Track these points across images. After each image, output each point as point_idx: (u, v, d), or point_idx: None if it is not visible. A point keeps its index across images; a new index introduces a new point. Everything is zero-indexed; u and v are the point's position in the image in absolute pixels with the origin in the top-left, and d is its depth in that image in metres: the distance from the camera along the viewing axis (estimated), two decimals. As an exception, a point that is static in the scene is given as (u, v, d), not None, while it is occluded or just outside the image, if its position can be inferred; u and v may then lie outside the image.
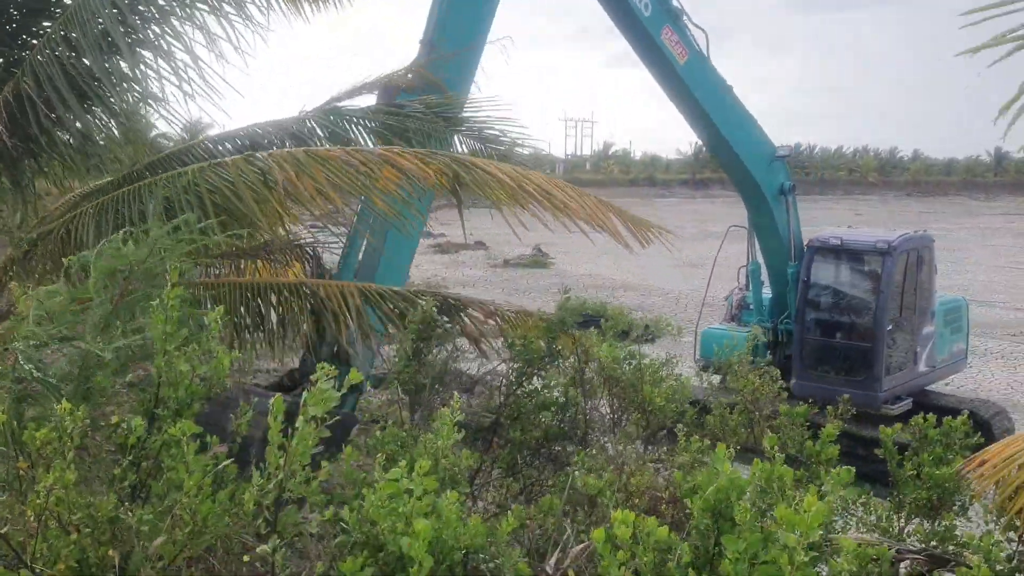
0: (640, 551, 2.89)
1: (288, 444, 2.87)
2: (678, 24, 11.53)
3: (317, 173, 5.33)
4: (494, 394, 5.38)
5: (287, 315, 6.64)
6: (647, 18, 11.15)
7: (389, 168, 5.57)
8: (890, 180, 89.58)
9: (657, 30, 11.26)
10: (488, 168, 5.90)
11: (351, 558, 2.97)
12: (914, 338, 12.93)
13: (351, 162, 5.55)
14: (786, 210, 13.12)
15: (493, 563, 3.24)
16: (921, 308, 13.04)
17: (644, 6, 11.10)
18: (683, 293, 26.61)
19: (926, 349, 13.09)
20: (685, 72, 11.63)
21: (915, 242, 13.03)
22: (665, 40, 11.35)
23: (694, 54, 11.70)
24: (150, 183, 5.80)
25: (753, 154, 12.79)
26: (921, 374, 13.15)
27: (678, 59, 11.49)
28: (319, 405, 2.86)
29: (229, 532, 3.09)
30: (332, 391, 2.89)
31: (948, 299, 14.37)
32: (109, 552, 2.98)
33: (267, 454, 2.90)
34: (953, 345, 14.10)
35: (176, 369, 3.36)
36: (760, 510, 3.05)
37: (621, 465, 4.01)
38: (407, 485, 3.08)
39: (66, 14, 6.06)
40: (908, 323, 12.85)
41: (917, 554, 3.65)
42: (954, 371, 14.55)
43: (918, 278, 12.95)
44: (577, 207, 6.00)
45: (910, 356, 12.89)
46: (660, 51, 11.39)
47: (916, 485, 4.13)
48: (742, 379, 5.16)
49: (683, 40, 11.56)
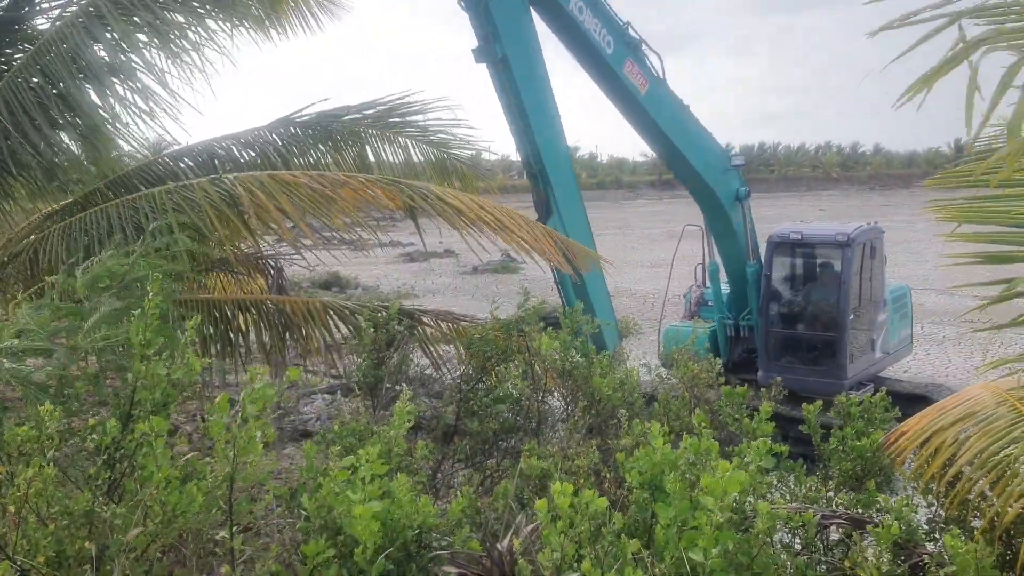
0: (578, 520, 3.16)
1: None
2: (638, 55, 11.90)
3: (281, 198, 5.59)
4: (452, 392, 5.65)
5: (253, 330, 6.87)
6: (610, 55, 11.56)
7: (347, 190, 5.85)
8: (852, 175, 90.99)
9: (620, 65, 11.67)
10: (446, 198, 6.22)
11: (313, 542, 3.22)
12: (870, 326, 13.37)
13: (314, 187, 5.82)
14: (742, 214, 13.59)
15: (445, 540, 3.50)
16: (875, 297, 13.49)
17: (607, 44, 11.53)
18: (649, 293, 27.02)
19: (880, 336, 13.55)
20: (647, 101, 12.02)
21: (869, 234, 13.48)
22: (627, 74, 11.75)
23: (654, 82, 12.09)
24: (116, 204, 6.00)
25: (708, 165, 13.27)
26: (877, 360, 13.63)
27: (640, 90, 11.90)
28: (256, 404, 3.12)
29: (199, 521, 3.33)
30: (269, 389, 3.15)
31: (895, 286, 14.84)
32: (86, 544, 3.20)
33: (215, 450, 3.17)
34: (901, 331, 14.59)
35: (154, 372, 3.60)
36: (690, 481, 3.34)
37: (566, 449, 4.29)
38: (362, 473, 3.35)
39: (40, 43, 6.27)
40: (865, 312, 13.27)
41: (839, 518, 3.96)
42: (903, 356, 15.07)
43: (872, 268, 13.39)
44: (528, 236, 6.38)
45: (868, 343, 13.34)
46: (624, 86, 11.76)
47: (840, 457, 4.45)
48: (683, 368, 5.47)
49: (643, 71, 11.95)
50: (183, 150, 7.62)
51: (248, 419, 3.12)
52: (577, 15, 11.22)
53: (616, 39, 11.63)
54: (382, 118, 7.73)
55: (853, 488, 4.45)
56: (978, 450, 3.62)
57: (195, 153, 7.44)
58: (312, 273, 24.72)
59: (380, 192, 5.91)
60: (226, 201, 5.71)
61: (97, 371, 3.98)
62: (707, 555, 2.91)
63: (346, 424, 4.27)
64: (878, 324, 13.52)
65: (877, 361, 13.65)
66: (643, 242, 39.48)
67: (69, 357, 3.85)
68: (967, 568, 3.12)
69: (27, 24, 6.98)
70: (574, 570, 3.07)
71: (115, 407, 3.61)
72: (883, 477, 4.46)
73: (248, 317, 6.64)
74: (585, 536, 3.16)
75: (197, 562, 3.48)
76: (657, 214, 60.77)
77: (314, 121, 7.66)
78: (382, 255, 35.74)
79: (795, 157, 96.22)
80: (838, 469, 4.45)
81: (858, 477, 4.46)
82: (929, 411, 4.23)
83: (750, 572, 3.10)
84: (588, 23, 11.33)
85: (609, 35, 11.57)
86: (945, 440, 3.85)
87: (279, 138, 7.51)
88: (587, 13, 11.33)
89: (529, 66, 10.64)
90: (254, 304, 6.72)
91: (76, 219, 6.18)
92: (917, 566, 3.57)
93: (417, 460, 3.96)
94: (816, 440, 4.61)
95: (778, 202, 68.53)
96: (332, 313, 6.75)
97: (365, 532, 3.05)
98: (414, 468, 4.02)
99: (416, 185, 6.48)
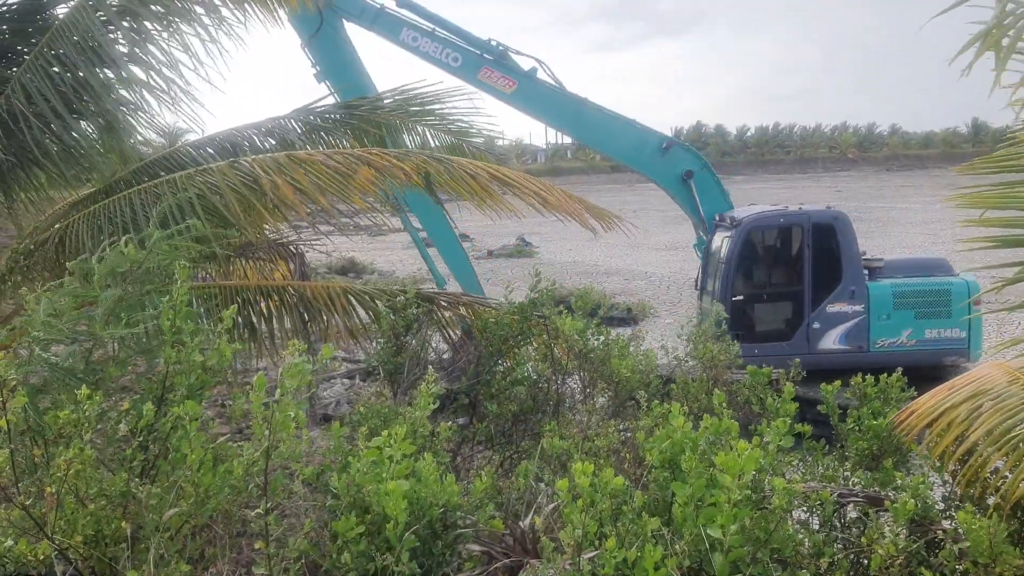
0: (598, 499, 3.24)
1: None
2: (501, 63, 13.67)
3: (299, 176, 5.66)
4: (470, 373, 5.74)
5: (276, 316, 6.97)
6: (458, 68, 13.52)
7: (366, 168, 5.91)
8: (869, 156, 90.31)
9: (472, 74, 13.45)
10: (462, 165, 6.27)
11: (344, 518, 3.31)
12: (801, 312, 12.82)
13: (329, 164, 5.88)
14: (690, 193, 13.78)
15: (468, 519, 3.59)
16: (819, 285, 12.82)
17: (452, 60, 13.57)
18: (665, 276, 27.03)
19: (839, 328, 12.81)
20: (513, 98, 13.68)
21: (798, 218, 13.05)
22: (484, 79, 13.50)
23: (523, 81, 13.69)
24: (140, 190, 6.10)
25: (624, 151, 14.36)
26: (827, 351, 12.72)
27: (504, 90, 13.59)
28: (295, 379, 3.20)
29: (229, 502, 3.44)
30: (305, 365, 3.23)
31: (912, 283, 13.07)
32: (122, 524, 3.31)
33: (253, 427, 3.26)
34: (924, 330, 12.84)
35: (189, 359, 3.70)
36: (708, 461, 3.41)
37: (586, 429, 4.37)
38: (389, 452, 3.44)
39: (53, 30, 6.35)
40: (794, 297, 12.90)
41: (856, 497, 4.02)
42: (930, 358, 12.59)
43: (805, 254, 12.79)
44: (549, 196, 6.41)
45: (796, 330, 12.85)
46: (483, 88, 13.25)
47: (857, 437, 4.51)
48: (701, 348, 5.53)
49: (507, 73, 13.66)
50: (204, 139, 7.71)
51: (286, 394, 3.20)
52: (411, 43, 13.48)
53: (464, 54, 13.57)
54: (401, 107, 7.80)
55: (869, 467, 4.51)
56: (990, 427, 3.66)
57: (216, 142, 7.52)
58: (329, 259, 24.89)
59: (394, 161, 5.96)
60: (247, 184, 5.79)
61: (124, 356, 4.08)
62: (725, 532, 2.98)
63: (370, 407, 4.36)
64: (825, 314, 12.79)
65: (829, 352, 12.69)
66: (659, 225, 39.40)
67: (94, 343, 3.95)
68: (980, 543, 3.18)
69: (48, 13, 7.07)
70: (595, 547, 3.16)
71: (148, 391, 3.71)
72: (899, 456, 4.52)
73: (271, 303, 6.74)
74: (606, 515, 3.24)
75: (229, 542, 3.59)
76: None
77: (333, 110, 7.74)
78: (398, 240, 35.80)
79: (811, 138, 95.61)
80: (855, 448, 4.50)
81: (874, 456, 4.52)
82: (940, 389, 4.27)
83: (768, 548, 3.17)
84: (425, 47, 13.50)
85: (454, 52, 13.57)
86: (956, 417, 3.90)
87: (299, 126, 7.58)
88: (422, 40, 13.50)
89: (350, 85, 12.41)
90: (276, 290, 6.82)
91: (100, 206, 6.28)
92: (933, 542, 3.64)
93: (440, 441, 4.05)
94: (834, 420, 4.67)
95: (796, 184, 68.20)
96: (352, 298, 6.84)
97: (396, 508, 3.13)
98: (438, 449, 4.11)
99: (430, 154, 6.57)
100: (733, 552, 3.03)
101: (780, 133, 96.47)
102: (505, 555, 3.58)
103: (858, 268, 12.84)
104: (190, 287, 3.90)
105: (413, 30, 13.49)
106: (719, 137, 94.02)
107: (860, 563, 3.70)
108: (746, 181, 66.58)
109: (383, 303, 6.47)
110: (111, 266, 4.11)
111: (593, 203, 6.57)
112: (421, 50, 13.51)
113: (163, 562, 3.23)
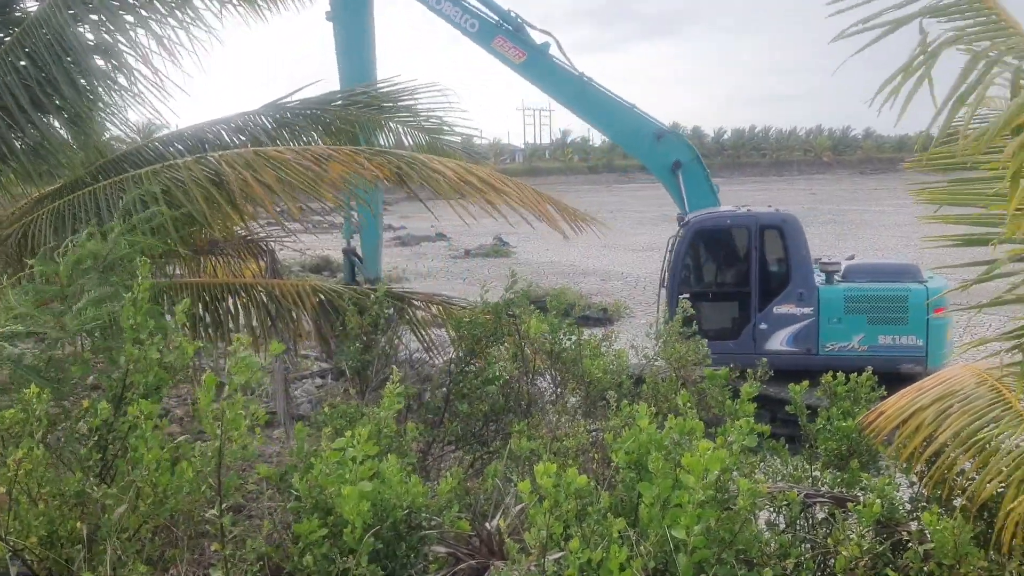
0: (563, 499, 3.20)
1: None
2: (515, 35, 14.02)
3: (267, 173, 5.58)
4: (442, 373, 5.68)
5: (244, 314, 6.88)
6: (474, 33, 13.99)
7: (336, 165, 5.84)
8: (844, 159, 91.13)
9: (487, 42, 13.93)
10: (432, 164, 6.21)
11: (305, 520, 3.26)
12: (748, 312, 12.86)
13: (299, 161, 5.81)
14: (678, 184, 13.93)
15: (434, 520, 3.55)
16: (766, 287, 12.86)
17: (470, 25, 13.99)
18: (641, 276, 27.07)
19: (786, 329, 12.78)
20: (523, 69, 14.07)
21: (746, 220, 13.07)
22: (497, 47, 13.95)
23: (534, 54, 14.00)
24: (105, 186, 6.00)
25: (622, 134, 14.87)
26: (774, 352, 12.39)
27: (514, 60, 13.98)
28: (243, 374, 3.13)
29: (189, 503, 3.37)
30: (253, 359, 3.17)
31: (865, 288, 12.99)
32: (77, 525, 3.24)
33: (204, 426, 3.19)
34: (877, 336, 12.71)
35: (147, 356, 3.63)
36: (674, 461, 3.38)
37: (555, 430, 4.33)
38: (351, 453, 3.38)
39: (24, 26, 6.24)
40: (741, 297, 12.93)
41: (823, 497, 4.02)
42: (883, 364, 11.64)
43: (753, 256, 12.83)
44: (518, 197, 6.36)
45: (742, 330, 12.88)
46: (494, 55, 13.95)
47: (826, 437, 4.51)
48: (668, 348, 5.52)
49: (518, 44, 14.00)
50: (173, 135, 7.61)
51: (235, 391, 3.14)
52: (435, 4, 13.88)
53: (481, 21, 13.93)
54: (373, 103, 7.73)
55: (838, 468, 4.52)
56: (958, 429, 3.67)
57: (185, 138, 7.41)
58: (303, 257, 24.72)
59: (366, 161, 5.90)
60: (212, 180, 5.70)
61: (87, 353, 4.00)
62: (689, 532, 2.96)
63: (336, 406, 4.31)
64: (773, 315, 12.77)
65: (772, 354, 11.93)
66: (635, 226, 39.52)
67: (57, 340, 3.87)
68: (945, 544, 3.18)
69: (17, 6, 6.95)
70: (560, 548, 3.12)
71: (109, 389, 3.64)
72: (868, 456, 4.53)
73: (239, 301, 6.65)
74: (571, 515, 3.21)
75: (188, 543, 3.52)
76: (650, 198, 60.66)
77: (305, 106, 7.64)
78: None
79: (786, 141, 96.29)
80: (824, 448, 4.50)
81: (843, 457, 4.52)
82: (909, 390, 4.27)
83: (733, 549, 3.15)
84: (448, 11, 13.89)
85: (472, 19, 13.93)
86: (924, 419, 3.90)
87: (269, 122, 7.49)
88: (445, 3, 13.88)
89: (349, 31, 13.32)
90: (244, 288, 6.73)
91: (64, 202, 6.18)
92: (898, 543, 3.64)
93: (407, 442, 4.00)
94: (802, 420, 4.67)
95: (771, 186, 68.64)
96: (322, 296, 6.77)
97: (353, 512, 3.09)
98: (404, 449, 4.06)
99: (400, 153, 6.51)
100: (697, 553, 3.01)
101: (756, 136, 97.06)
102: (471, 556, 3.55)
103: (808, 271, 12.81)
104: (152, 283, 3.82)
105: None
106: (696, 139, 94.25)
107: (827, 564, 3.70)
108: (723, 183, 66.32)
109: (352, 301, 6.40)
110: (76, 259, 4.04)
111: (568, 204, 6.51)
112: (444, 12, 13.93)
113: (120, 563, 3.16)
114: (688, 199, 13.93)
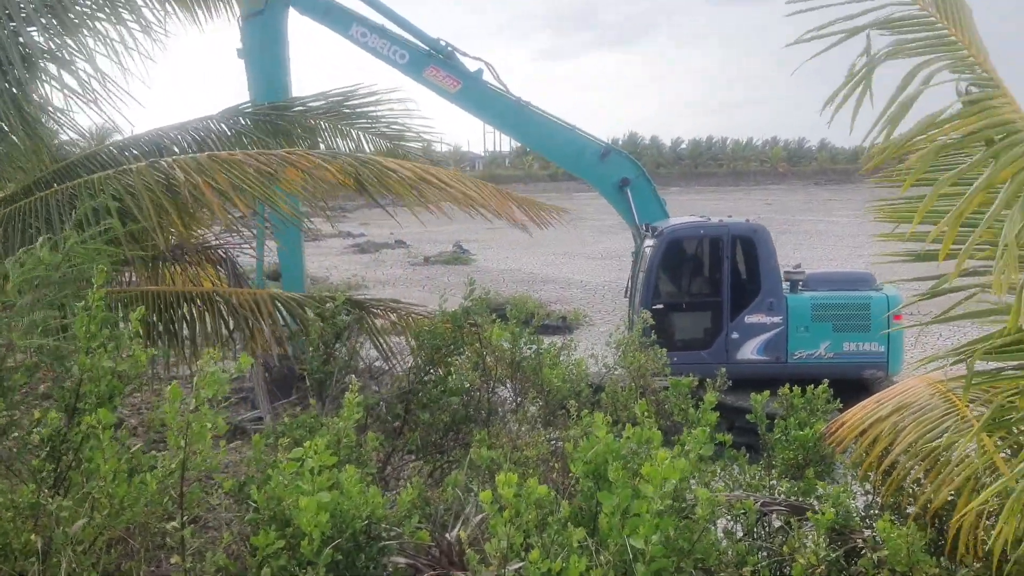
0: (524, 509, 3.21)
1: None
2: (447, 63, 13.65)
3: (219, 177, 5.51)
4: (402, 382, 5.66)
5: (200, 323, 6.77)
6: (404, 65, 13.53)
7: (291, 169, 5.79)
8: (798, 170, 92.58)
9: (418, 73, 13.51)
10: (388, 164, 6.19)
11: (262, 532, 3.22)
12: (720, 322, 12.99)
13: (253, 164, 5.75)
14: (627, 201, 13.99)
15: (394, 531, 3.53)
16: (738, 296, 12.99)
17: (399, 57, 13.56)
18: (600, 284, 27.22)
19: (757, 339, 12.96)
20: (458, 98, 13.75)
21: (711, 230, 13.23)
22: (429, 77, 13.54)
23: (468, 81, 13.71)
24: (57, 191, 5.89)
25: (565, 156, 14.67)
26: (745, 361, 12.84)
27: (448, 89, 13.64)
28: (210, 388, 3.10)
29: (146, 514, 3.32)
30: (222, 374, 3.14)
31: (831, 296, 13.23)
32: (32, 537, 3.17)
33: (168, 438, 3.15)
34: (843, 343, 12.95)
35: (100, 365, 3.56)
36: (632, 470, 3.41)
37: (515, 439, 4.34)
38: (310, 464, 3.36)
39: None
40: (713, 307, 13.07)
41: (779, 506, 4.08)
42: (848, 371, 12.51)
43: (725, 266, 13.02)
44: (478, 196, 6.37)
45: (715, 340, 13.01)
46: (428, 86, 13.55)
47: (784, 446, 4.58)
48: (629, 357, 5.56)
49: (452, 73, 13.65)
50: (129, 140, 7.49)
51: (202, 405, 3.10)
52: (360, 39, 13.41)
53: (411, 52, 13.51)
54: (333, 109, 7.69)
55: (795, 476, 4.58)
56: (912, 439, 3.75)
57: (141, 143, 7.30)
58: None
59: (320, 161, 5.84)
60: (164, 185, 5.60)
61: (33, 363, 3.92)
62: (648, 541, 2.98)
63: (295, 416, 4.27)
64: (744, 324, 12.95)
65: (743, 363, 12.78)
66: (594, 234, 39.69)
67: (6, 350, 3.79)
68: (898, 551, 3.25)
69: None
70: (521, 559, 3.13)
71: (60, 399, 3.58)
72: (824, 466, 4.60)
73: (194, 309, 6.56)
74: (532, 525, 3.22)
75: (145, 555, 3.47)
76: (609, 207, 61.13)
77: (263, 113, 7.59)
78: (332, 246, 35.43)
79: (743, 151, 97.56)
80: (781, 458, 4.57)
81: (800, 466, 4.59)
82: (868, 402, 4.36)
83: (691, 557, 3.18)
84: (374, 43, 13.44)
85: (402, 49, 13.50)
86: (883, 430, 3.98)
87: (228, 128, 7.41)
88: (371, 36, 13.43)
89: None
90: (200, 295, 6.64)
91: (15, 208, 6.05)
92: (853, 551, 3.70)
93: (367, 452, 3.98)
94: (761, 430, 4.73)
95: (728, 196, 69.46)
96: (280, 305, 6.70)
97: (311, 524, 3.06)
98: (363, 460, 4.03)
99: (358, 155, 6.48)
100: (656, 562, 3.03)
101: (713, 146, 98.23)
102: (431, 567, 3.53)
103: (777, 280, 13.02)
104: (106, 291, 3.76)
105: (362, 26, 13.40)
106: (654, 148, 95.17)
107: (783, 572, 3.75)
108: (680, 192, 67.50)
109: (312, 310, 6.35)
110: (27, 272, 3.95)
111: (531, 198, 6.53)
112: (369, 46, 13.49)
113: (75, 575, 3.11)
114: (638, 214, 14.02)
